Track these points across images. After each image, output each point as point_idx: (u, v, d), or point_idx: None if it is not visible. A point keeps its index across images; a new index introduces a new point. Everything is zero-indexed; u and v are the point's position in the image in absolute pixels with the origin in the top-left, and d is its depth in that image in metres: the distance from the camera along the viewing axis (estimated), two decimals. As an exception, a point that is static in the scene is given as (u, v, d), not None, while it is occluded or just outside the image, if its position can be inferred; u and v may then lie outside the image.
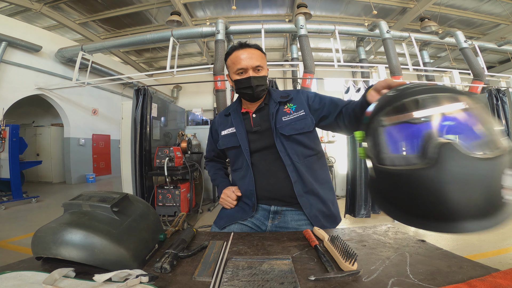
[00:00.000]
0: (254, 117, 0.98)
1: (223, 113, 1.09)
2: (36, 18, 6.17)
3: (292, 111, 0.96)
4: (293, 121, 0.94)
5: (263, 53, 0.97)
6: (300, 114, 0.95)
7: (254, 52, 0.93)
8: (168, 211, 3.02)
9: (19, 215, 3.49)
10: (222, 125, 1.06)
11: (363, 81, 3.22)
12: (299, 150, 0.93)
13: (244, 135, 0.96)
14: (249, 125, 0.98)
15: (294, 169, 0.91)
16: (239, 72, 0.93)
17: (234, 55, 0.94)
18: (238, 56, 0.92)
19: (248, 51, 0.92)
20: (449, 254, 0.55)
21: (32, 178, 6.72)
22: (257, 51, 0.94)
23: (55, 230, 0.50)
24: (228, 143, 1.00)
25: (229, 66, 0.97)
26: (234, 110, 1.03)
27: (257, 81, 0.92)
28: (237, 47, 0.94)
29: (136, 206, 0.64)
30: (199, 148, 4.20)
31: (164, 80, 9.02)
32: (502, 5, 5.73)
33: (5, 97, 4.86)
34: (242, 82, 0.93)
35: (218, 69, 4.19)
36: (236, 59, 0.92)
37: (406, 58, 4.85)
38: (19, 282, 0.43)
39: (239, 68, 0.92)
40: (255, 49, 0.94)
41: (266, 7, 6.32)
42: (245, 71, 0.92)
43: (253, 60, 0.91)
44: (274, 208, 0.93)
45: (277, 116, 0.95)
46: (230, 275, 0.48)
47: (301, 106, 0.97)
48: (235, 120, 1.00)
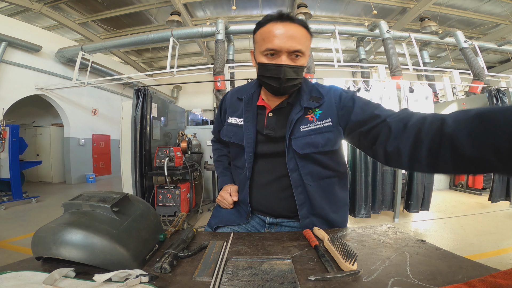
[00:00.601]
0: (270, 116, 0.77)
1: (236, 93, 0.86)
2: (36, 18, 6.17)
3: (315, 118, 0.73)
4: (313, 133, 0.72)
5: (309, 33, 0.70)
6: (325, 125, 0.72)
7: (296, 30, 0.67)
8: (168, 211, 3.02)
9: (19, 215, 3.49)
10: (232, 108, 0.85)
11: (363, 81, 3.22)
12: (315, 171, 0.75)
13: (253, 135, 0.77)
14: (261, 124, 0.78)
15: (303, 191, 0.75)
16: (269, 53, 0.68)
17: (267, 28, 0.68)
18: (272, 31, 0.66)
19: (289, 27, 0.66)
20: (449, 254, 0.55)
21: (32, 178, 6.72)
22: (301, 29, 0.68)
23: (55, 230, 0.50)
24: (232, 136, 0.82)
25: (256, 42, 0.72)
26: (249, 98, 0.81)
27: (290, 73, 0.68)
28: (275, 17, 0.68)
29: (136, 206, 0.64)
30: (199, 148, 4.20)
31: (164, 80, 9.02)
32: (502, 5, 5.74)
33: (5, 97, 4.86)
34: (268, 68, 0.69)
35: (218, 69, 4.19)
36: (269, 34, 0.67)
37: (406, 58, 4.86)
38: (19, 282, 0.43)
39: (270, 49, 0.67)
40: (299, 25, 0.68)
41: (266, 7, 6.32)
42: (276, 54, 0.67)
43: (292, 41, 0.66)
44: (269, 220, 0.81)
45: (296, 124, 0.73)
46: (230, 275, 0.48)
47: (328, 112, 0.73)
48: (246, 113, 0.79)
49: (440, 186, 4.93)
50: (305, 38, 0.68)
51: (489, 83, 5.33)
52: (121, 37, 5.63)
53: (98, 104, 7.16)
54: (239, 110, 0.82)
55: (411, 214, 3.21)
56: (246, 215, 0.81)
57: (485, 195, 4.03)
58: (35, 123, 7.05)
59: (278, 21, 0.67)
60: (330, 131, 0.72)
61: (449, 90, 5.45)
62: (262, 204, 0.80)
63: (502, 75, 6.25)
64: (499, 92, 3.56)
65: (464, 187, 4.65)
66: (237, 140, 0.80)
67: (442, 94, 5.91)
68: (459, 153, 0.42)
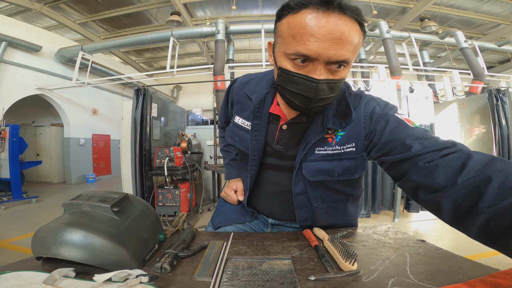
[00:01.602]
0: (284, 129, 0.63)
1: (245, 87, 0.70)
2: (36, 18, 6.17)
3: (335, 141, 0.59)
4: (329, 158, 0.59)
5: (362, 31, 0.49)
6: (346, 151, 0.58)
7: (347, 26, 0.45)
8: (168, 211, 3.02)
9: (19, 215, 3.49)
10: (239, 104, 0.72)
11: (363, 81, 3.22)
12: (327, 196, 0.66)
13: (260, 148, 0.66)
14: (272, 135, 0.65)
15: (309, 211, 0.67)
16: (299, 58, 0.47)
17: (302, 18, 0.45)
18: (309, 25, 0.44)
19: (337, 23, 0.44)
20: (449, 254, 0.55)
21: (32, 178, 6.72)
22: (354, 26, 0.47)
23: (55, 230, 0.50)
24: (237, 140, 0.71)
25: (280, 36, 0.50)
26: (261, 101, 0.65)
27: (325, 92, 0.49)
28: (317, 2, 0.44)
29: (136, 206, 0.64)
30: (199, 148, 4.20)
31: (164, 80, 9.02)
32: (502, 5, 5.74)
33: (5, 97, 4.86)
34: (295, 80, 0.49)
35: (218, 69, 4.19)
36: (303, 30, 0.45)
37: (406, 58, 4.85)
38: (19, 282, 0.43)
39: (301, 54, 0.46)
40: (351, 19, 0.46)
41: (266, 7, 6.32)
42: (310, 62, 0.48)
43: (339, 46, 0.45)
44: (272, 221, 0.79)
45: (313, 145, 0.60)
46: (230, 275, 0.48)
47: (353, 134, 0.58)
48: (255, 120, 0.65)
49: (440, 186, 4.93)
50: (357, 39, 0.47)
51: (489, 83, 5.33)
52: (121, 37, 5.62)
53: (98, 104, 7.16)
54: (247, 110, 0.68)
55: (411, 214, 3.21)
56: (251, 214, 0.79)
57: (485, 195, 4.03)
58: (35, 123, 7.05)
59: (320, 9, 0.44)
60: (351, 159, 0.58)
61: (449, 90, 5.45)
62: (265, 210, 0.78)
63: (502, 75, 6.24)
64: (499, 92, 3.56)
65: (464, 187, 4.65)
66: (243, 147, 0.69)
67: (442, 94, 5.91)
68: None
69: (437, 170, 0.43)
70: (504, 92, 3.59)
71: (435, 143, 0.47)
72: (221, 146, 0.96)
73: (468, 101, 4.36)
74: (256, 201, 0.78)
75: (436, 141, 0.48)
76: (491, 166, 0.39)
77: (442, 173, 0.43)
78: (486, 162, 0.40)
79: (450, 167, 0.42)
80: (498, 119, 3.46)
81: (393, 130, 0.52)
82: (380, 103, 0.59)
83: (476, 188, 0.38)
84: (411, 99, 3.17)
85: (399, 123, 0.53)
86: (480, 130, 4.08)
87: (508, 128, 3.47)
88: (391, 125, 0.53)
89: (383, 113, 0.56)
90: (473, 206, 0.38)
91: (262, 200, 0.76)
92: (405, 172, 0.50)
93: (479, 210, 0.37)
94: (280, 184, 0.69)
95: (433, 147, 0.46)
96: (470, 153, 0.43)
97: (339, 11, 0.44)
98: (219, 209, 0.85)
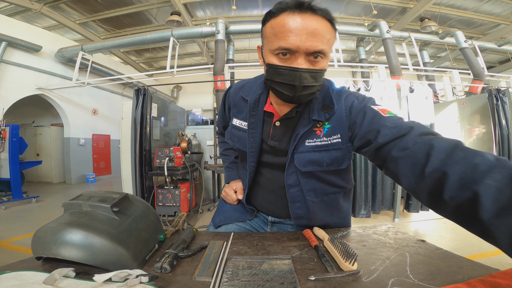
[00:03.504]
0: (277, 126, 0.69)
1: (241, 91, 0.76)
2: (36, 18, 6.17)
3: (323, 133, 0.65)
4: (318, 149, 0.65)
5: (333, 28, 0.57)
6: (333, 142, 0.64)
7: (319, 23, 0.53)
8: (168, 211, 3.02)
9: (19, 215, 3.49)
10: (236, 107, 0.77)
11: (363, 81, 3.22)
12: (319, 187, 0.70)
13: (257, 145, 0.71)
14: (267, 132, 0.71)
15: (303, 206, 0.71)
16: (281, 52, 0.55)
17: (281, 20, 0.55)
18: (287, 24, 0.53)
19: (310, 20, 0.53)
20: (449, 254, 0.55)
21: (32, 178, 6.72)
22: (325, 23, 0.55)
23: (55, 230, 0.50)
24: (236, 141, 0.76)
25: (266, 37, 0.59)
26: (255, 101, 0.71)
27: (308, 80, 0.56)
28: (292, 5, 0.54)
29: (136, 206, 0.64)
30: (199, 148, 4.20)
31: (164, 80, 9.02)
32: (502, 5, 5.74)
33: (5, 97, 4.86)
34: (281, 72, 0.57)
35: (218, 69, 4.19)
36: (283, 28, 0.54)
37: (406, 58, 4.85)
38: (19, 282, 0.43)
39: (283, 48, 0.54)
40: (322, 18, 0.54)
41: (266, 7, 6.31)
42: (292, 55, 0.55)
43: (314, 38, 0.53)
44: (272, 219, 0.81)
45: (302, 138, 0.65)
46: (230, 275, 0.48)
47: (338, 126, 0.64)
48: (251, 118, 0.71)
49: (440, 186, 4.93)
50: (329, 34, 0.55)
51: (489, 83, 5.33)
52: (121, 37, 5.63)
53: (98, 104, 7.16)
54: (244, 111, 0.74)
55: (411, 214, 3.21)
56: (251, 212, 0.82)
57: (485, 195, 4.02)
58: (35, 123, 7.05)
59: (295, 11, 0.53)
60: (338, 149, 0.64)
61: (449, 90, 5.45)
62: (264, 207, 0.81)
63: (502, 75, 6.24)
64: (499, 92, 3.56)
65: (464, 187, 4.65)
66: (241, 146, 0.75)
67: (442, 94, 5.91)
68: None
69: (407, 160, 0.49)
70: (504, 92, 3.59)
71: (400, 130, 0.53)
72: (220, 151, 0.99)
73: (468, 101, 4.36)
74: (255, 199, 0.81)
75: (401, 127, 0.53)
76: (453, 156, 0.43)
77: (411, 164, 0.48)
78: (449, 151, 0.44)
79: (417, 158, 0.47)
80: (498, 119, 3.46)
81: (370, 121, 0.58)
82: (358, 97, 0.65)
83: (440, 180, 0.42)
84: (411, 99, 3.17)
85: (375, 115, 0.59)
86: (480, 130, 4.08)
87: (508, 128, 3.47)
88: (368, 117, 0.59)
89: (361, 106, 0.62)
90: (440, 196, 0.42)
91: (261, 198, 0.80)
92: (383, 161, 0.55)
93: (445, 200, 0.41)
94: (277, 181, 0.73)
95: (397, 134, 0.52)
96: (433, 142, 0.47)
97: (311, 12, 0.54)
98: (220, 209, 0.88)
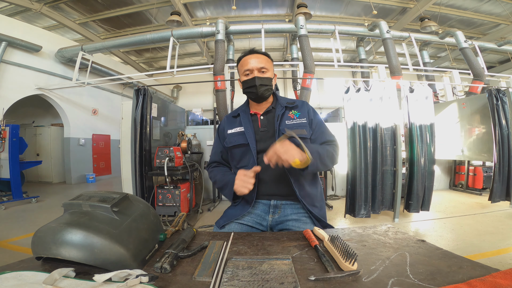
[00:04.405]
0: (262, 119, 1.06)
1: (231, 115, 1.15)
2: (36, 18, 6.17)
3: (296, 117, 1.05)
4: (295, 126, 1.02)
5: (269, 59, 1.06)
6: (303, 122, 1.03)
7: (260, 56, 1.03)
8: (168, 211, 3.02)
9: (19, 215, 3.49)
10: (229, 125, 1.12)
11: (363, 81, 3.22)
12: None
13: (252, 134, 1.02)
14: (257, 125, 1.06)
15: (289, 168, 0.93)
16: (246, 73, 1.02)
17: (243, 59, 1.04)
18: (246, 60, 1.03)
19: (256, 56, 1.03)
20: (449, 254, 0.55)
21: (32, 178, 6.71)
22: (264, 56, 1.04)
23: (55, 230, 0.50)
24: (236, 140, 1.05)
25: (239, 70, 1.07)
26: (243, 111, 1.10)
27: (261, 81, 1.00)
28: (247, 53, 1.05)
29: (136, 206, 0.64)
30: (199, 148, 4.20)
31: (164, 80, 9.02)
32: (502, 5, 5.74)
33: (5, 97, 4.86)
34: (247, 82, 1.02)
35: (218, 69, 4.19)
36: (245, 62, 1.03)
37: (406, 58, 4.85)
38: (19, 282, 0.43)
39: (246, 70, 1.02)
40: (262, 54, 1.05)
41: (266, 7, 6.32)
42: (251, 72, 1.01)
43: (258, 62, 1.01)
44: (273, 203, 0.99)
45: (282, 118, 1.03)
46: (230, 275, 0.48)
47: (304, 115, 1.06)
48: (244, 120, 1.06)
49: (440, 186, 4.93)
50: (266, 60, 1.04)
51: (489, 83, 5.33)
52: (121, 37, 5.62)
53: (98, 104, 7.16)
54: (237, 122, 1.10)
55: (411, 214, 3.21)
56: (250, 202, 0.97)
57: (485, 195, 4.03)
58: (35, 123, 7.05)
59: (249, 54, 1.04)
60: (305, 126, 1.03)
61: (449, 90, 5.44)
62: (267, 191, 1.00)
63: (502, 75, 6.24)
64: (499, 92, 3.56)
65: (464, 187, 4.65)
66: (242, 141, 1.03)
67: (442, 94, 5.90)
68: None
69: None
70: (504, 92, 3.58)
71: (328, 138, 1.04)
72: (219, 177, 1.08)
73: (468, 101, 4.36)
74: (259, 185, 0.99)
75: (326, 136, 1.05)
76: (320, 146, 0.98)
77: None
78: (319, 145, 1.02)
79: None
80: (498, 119, 3.46)
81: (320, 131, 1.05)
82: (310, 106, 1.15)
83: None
84: (411, 99, 3.17)
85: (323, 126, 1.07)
86: (480, 130, 4.08)
87: (508, 128, 3.47)
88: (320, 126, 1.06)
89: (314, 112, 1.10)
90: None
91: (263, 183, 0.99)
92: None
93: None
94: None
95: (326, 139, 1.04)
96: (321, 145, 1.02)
97: (256, 53, 1.04)
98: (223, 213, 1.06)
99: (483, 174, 4.40)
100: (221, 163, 1.15)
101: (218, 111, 4.09)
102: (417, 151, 3.08)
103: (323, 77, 5.62)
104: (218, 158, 1.16)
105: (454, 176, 4.94)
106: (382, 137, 3.02)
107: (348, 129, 2.98)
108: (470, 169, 4.60)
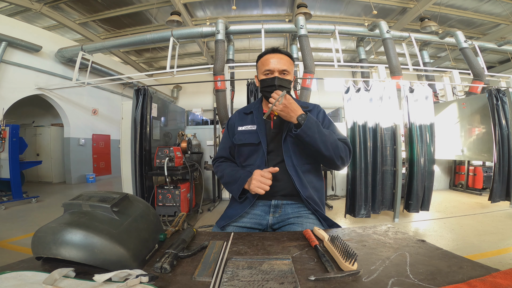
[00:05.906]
0: (275, 119, 1.04)
1: (243, 110, 1.14)
2: (36, 18, 6.17)
3: None
4: None
5: (292, 60, 1.02)
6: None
7: (283, 57, 0.99)
8: (168, 211, 3.02)
9: (19, 215, 3.49)
10: (240, 121, 1.10)
11: (363, 81, 3.22)
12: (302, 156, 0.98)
13: (265, 135, 1.02)
14: (269, 126, 1.04)
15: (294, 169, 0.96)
16: (266, 73, 0.99)
17: (265, 57, 1.01)
18: (268, 59, 0.99)
19: (278, 56, 0.99)
20: (449, 254, 0.55)
21: (32, 178, 6.71)
22: (287, 57, 1.00)
23: (55, 230, 0.50)
24: (246, 139, 1.04)
25: (258, 68, 1.05)
26: (257, 110, 1.08)
27: (281, 82, 0.97)
28: (270, 51, 1.01)
29: (136, 206, 0.64)
30: (199, 148, 4.20)
31: (164, 80, 9.02)
32: (502, 5, 5.74)
33: (5, 97, 4.86)
34: (266, 81, 0.99)
35: (218, 69, 4.19)
36: (266, 61, 0.99)
37: (406, 58, 4.85)
38: (19, 282, 0.43)
39: (267, 70, 0.98)
40: (285, 55, 1.01)
41: (266, 7, 6.32)
42: (271, 73, 0.98)
43: (281, 64, 0.97)
44: (274, 202, 0.97)
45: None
46: (230, 275, 0.48)
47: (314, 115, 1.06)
48: (258, 120, 1.05)
49: (440, 186, 4.93)
50: (289, 62, 1.00)
51: (489, 83, 5.32)
52: (121, 37, 5.62)
53: (98, 104, 7.16)
54: (248, 120, 1.08)
55: (411, 214, 3.21)
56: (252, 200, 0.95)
57: (485, 195, 4.03)
58: (35, 123, 7.05)
59: (272, 53, 1.00)
60: None
61: (449, 90, 5.43)
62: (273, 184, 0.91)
63: (502, 75, 6.23)
64: (499, 92, 3.56)
65: (464, 187, 4.65)
66: (253, 140, 1.03)
67: (442, 94, 5.90)
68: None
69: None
70: (504, 92, 3.58)
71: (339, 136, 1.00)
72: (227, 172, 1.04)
73: (468, 101, 4.36)
74: None
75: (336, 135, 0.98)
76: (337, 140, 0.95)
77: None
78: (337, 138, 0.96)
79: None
80: (498, 119, 3.46)
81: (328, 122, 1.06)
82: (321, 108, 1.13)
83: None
84: (411, 99, 3.17)
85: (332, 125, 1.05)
86: (480, 130, 4.08)
87: (508, 128, 3.47)
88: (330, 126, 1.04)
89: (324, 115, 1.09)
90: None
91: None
92: None
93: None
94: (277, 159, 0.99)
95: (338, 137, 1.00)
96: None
97: (280, 53, 1.01)
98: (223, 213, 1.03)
99: (483, 174, 4.40)
100: (229, 159, 1.14)
101: (218, 111, 4.08)
102: (417, 151, 3.08)
103: (323, 77, 5.63)
104: (226, 154, 1.14)
105: (454, 176, 4.94)
106: (382, 137, 3.02)
107: (348, 129, 2.98)
108: (470, 169, 4.60)
